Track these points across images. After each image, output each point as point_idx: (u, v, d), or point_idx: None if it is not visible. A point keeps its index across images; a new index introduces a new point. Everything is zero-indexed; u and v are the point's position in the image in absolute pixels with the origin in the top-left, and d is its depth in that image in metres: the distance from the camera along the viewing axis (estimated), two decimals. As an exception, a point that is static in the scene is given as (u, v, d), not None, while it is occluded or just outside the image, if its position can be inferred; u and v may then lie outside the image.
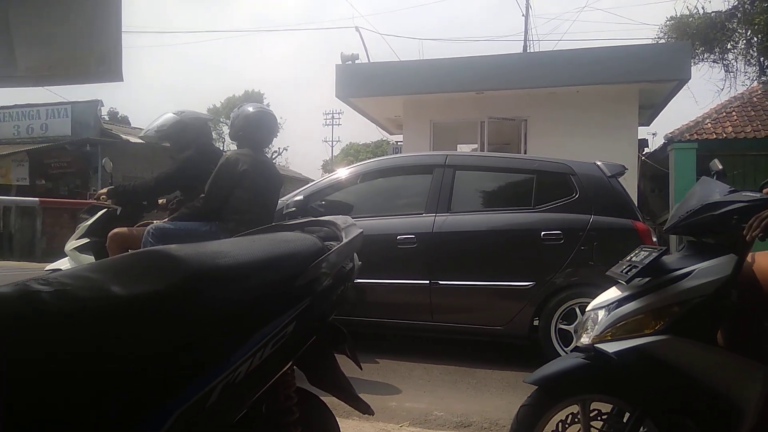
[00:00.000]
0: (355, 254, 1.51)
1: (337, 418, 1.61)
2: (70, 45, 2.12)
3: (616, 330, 1.92)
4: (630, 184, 8.21)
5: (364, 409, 1.54)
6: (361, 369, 1.63)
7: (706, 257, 1.89)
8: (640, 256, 2.00)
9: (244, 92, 41.16)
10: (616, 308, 1.95)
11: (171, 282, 0.95)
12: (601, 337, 1.94)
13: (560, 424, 2.02)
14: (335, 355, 1.53)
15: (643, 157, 12.55)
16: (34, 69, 2.18)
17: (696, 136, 12.47)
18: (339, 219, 1.55)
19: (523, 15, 31.41)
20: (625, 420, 1.95)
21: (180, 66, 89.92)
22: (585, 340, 2.02)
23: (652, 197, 13.50)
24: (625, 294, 1.96)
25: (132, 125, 26.08)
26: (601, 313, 2.00)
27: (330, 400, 1.56)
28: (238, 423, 1.12)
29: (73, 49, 2.12)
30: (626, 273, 1.93)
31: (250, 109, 3.91)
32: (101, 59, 2.09)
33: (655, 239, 4.50)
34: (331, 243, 1.41)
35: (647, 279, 1.92)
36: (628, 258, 2.06)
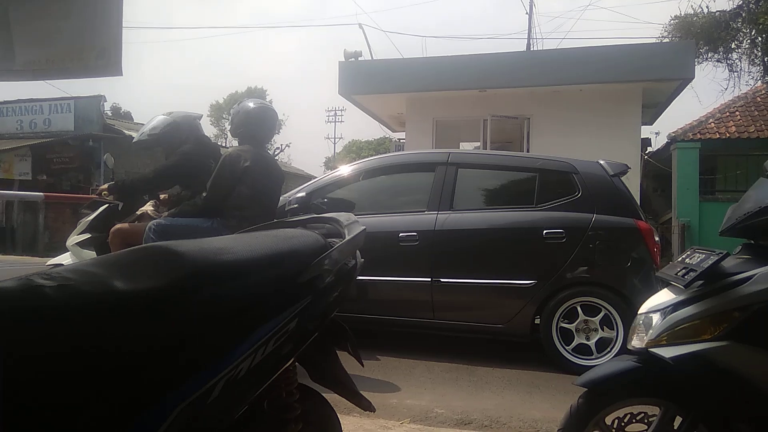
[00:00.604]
0: (358, 251, 1.51)
1: (338, 414, 1.62)
2: (69, 39, 2.12)
3: (672, 334, 1.88)
4: (633, 183, 8.21)
5: (366, 406, 1.54)
6: (363, 366, 1.63)
7: (765, 261, 1.84)
8: (695, 258, 1.95)
9: (247, 89, 41.28)
10: (672, 312, 1.91)
11: (173, 278, 0.96)
12: (656, 342, 1.90)
13: (623, 418, 2.01)
14: (337, 351, 1.53)
15: (646, 156, 12.55)
16: (32, 63, 2.18)
17: (699, 136, 12.46)
18: (342, 216, 1.55)
19: (526, 13, 31.41)
20: (676, 426, 1.93)
21: (183, 62, 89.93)
22: (637, 343, 1.99)
23: (654, 196, 13.51)
24: (681, 298, 1.92)
25: (135, 121, 26.12)
26: (656, 317, 1.96)
27: (331, 397, 1.56)
28: (239, 419, 1.12)
29: (72, 44, 2.12)
30: (683, 276, 1.89)
31: (251, 105, 3.91)
32: (101, 53, 2.09)
33: (657, 239, 4.49)
34: (334, 240, 1.41)
35: (702, 282, 1.87)
36: (681, 259, 2.02)
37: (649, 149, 14.16)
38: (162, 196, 4.33)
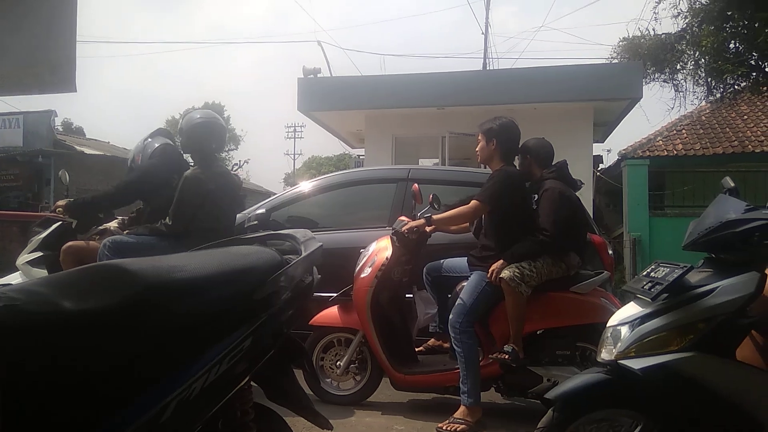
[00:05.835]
0: (315, 267, 1.51)
1: (295, 433, 1.60)
2: (23, 55, 2.08)
3: (640, 346, 1.93)
4: (586, 199, 8.39)
5: (323, 424, 1.53)
6: (320, 383, 1.63)
7: (727, 274, 1.92)
8: (660, 272, 2.01)
9: (204, 103, 40.54)
10: (640, 325, 1.96)
11: (123, 296, 0.94)
12: (625, 354, 1.95)
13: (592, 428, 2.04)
14: (293, 369, 1.52)
15: (598, 173, 12.90)
16: None
17: (648, 153, 12.93)
18: (298, 232, 1.55)
19: (482, 33, 31.93)
20: None
21: (139, 76, 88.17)
22: (606, 356, 2.04)
23: (607, 211, 13.86)
24: (648, 310, 1.97)
25: (87, 136, 25.45)
26: (624, 330, 2.00)
27: (288, 415, 1.54)
28: (193, 440, 1.10)
29: (26, 59, 2.08)
30: (650, 290, 1.95)
31: (197, 117, 3.85)
32: (54, 69, 2.06)
33: (610, 252, 4.61)
34: (291, 256, 1.41)
35: (667, 295, 1.93)
36: (646, 273, 2.08)
37: (601, 166, 14.56)
38: (119, 218, 4.17)
